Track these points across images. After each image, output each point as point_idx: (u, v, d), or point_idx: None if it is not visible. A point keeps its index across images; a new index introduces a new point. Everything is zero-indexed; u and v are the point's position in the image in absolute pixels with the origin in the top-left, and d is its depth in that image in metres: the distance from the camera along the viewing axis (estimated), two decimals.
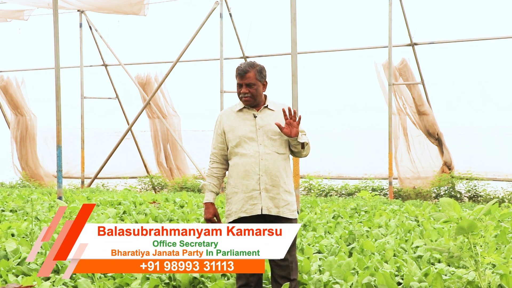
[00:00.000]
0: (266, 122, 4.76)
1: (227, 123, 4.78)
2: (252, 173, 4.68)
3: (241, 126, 4.75)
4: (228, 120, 4.79)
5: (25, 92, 20.01)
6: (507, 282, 5.11)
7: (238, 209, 4.69)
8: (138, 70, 18.64)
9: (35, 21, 18.20)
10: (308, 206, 11.43)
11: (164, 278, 5.57)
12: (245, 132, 4.73)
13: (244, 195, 4.68)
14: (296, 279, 4.77)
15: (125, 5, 15.64)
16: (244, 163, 4.70)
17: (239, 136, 4.73)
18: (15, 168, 20.08)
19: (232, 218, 4.72)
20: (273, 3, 16.21)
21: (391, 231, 8.08)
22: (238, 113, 4.80)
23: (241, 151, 4.72)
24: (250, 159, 4.69)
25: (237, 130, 4.74)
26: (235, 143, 4.73)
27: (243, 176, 4.69)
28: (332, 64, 16.59)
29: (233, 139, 4.74)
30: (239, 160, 4.72)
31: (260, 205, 4.68)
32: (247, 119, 4.78)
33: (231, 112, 4.83)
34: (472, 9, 15.10)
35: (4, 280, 5.56)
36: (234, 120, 4.78)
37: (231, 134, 4.75)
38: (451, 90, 15.67)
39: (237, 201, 4.70)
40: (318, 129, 16.53)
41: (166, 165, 18.70)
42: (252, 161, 4.68)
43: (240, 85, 4.75)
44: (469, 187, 14.98)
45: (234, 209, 4.71)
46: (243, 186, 4.69)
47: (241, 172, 4.70)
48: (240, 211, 4.69)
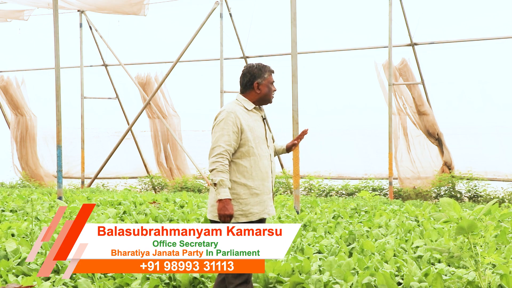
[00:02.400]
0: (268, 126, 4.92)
1: (244, 122, 4.70)
2: (269, 175, 4.77)
3: (256, 127, 4.75)
4: (244, 119, 4.71)
5: (25, 92, 20.01)
6: (507, 282, 5.11)
7: (261, 211, 4.69)
8: (138, 70, 18.65)
9: (35, 21, 18.21)
10: (308, 206, 11.43)
11: (164, 278, 5.57)
12: (261, 134, 4.77)
13: (266, 197, 4.72)
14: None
15: (125, 5, 15.64)
16: (264, 165, 4.72)
17: (258, 136, 4.73)
18: (15, 168, 20.08)
19: (253, 218, 4.66)
20: (273, 3, 16.21)
21: (391, 231, 8.08)
22: (250, 113, 4.78)
23: (261, 153, 4.72)
24: (267, 161, 4.74)
25: (255, 131, 4.72)
26: (254, 143, 4.70)
27: (264, 178, 4.72)
28: (332, 64, 16.60)
29: (252, 139, 4.69)
30: (259, 161, 4.71)
31: (273, 206, 4.82)
32: (258, 120, 4.79)
33: (243, 111, 4.76)
34: (472, 9, 15.10)
35: (4, 280, 5.56)
36: (249, 119, 4.74)
37: (250, 133, 4.69)
38: (451, 90, 15.67)
39: (260, 203, 4.69)
40: (318, 129, 16.53)
41: (166, 165, 18.70)
42: (267, 164, 4.75)
43: (273, 82, 4.85)
44: (469, 187, 14.98)
45: (257, 210, 4.67)
46: (265, 187, 4.71)
47: (263, 174, 4.71)
48: (264, 213, 4.70)
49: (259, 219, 4.70)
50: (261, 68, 4.81)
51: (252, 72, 4.79)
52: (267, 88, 4.80)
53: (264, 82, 4.80)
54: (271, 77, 4.82)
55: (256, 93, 4.80)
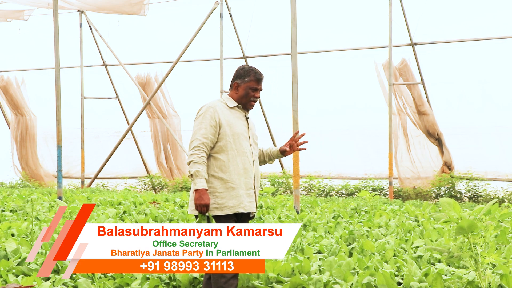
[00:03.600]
0: (252, 126, 4.95)
1: (222, 117, 4.79)
2: (250, 171, 4.82)
3: (237, 123, 4.82)
4: (223, 114, 4.80)
5: (25, 92, 20.01)
6: (507, 282, 5.11)
7: (236, 205, 4.74)
8: (138, 70, 18.65)
9: (35, 21, 18.22)
10: (308, 206, 11.43)
11: (164, 278, 5.57)
12: (242, 131, 4.83)
13: (244, 192, 4.78)
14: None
15: (125, 5, 15.65)
16: (243, 161, 4.79)
17: (237, 133, 4.80)
18: (15, 168, 20.09)
19: (227, 212, 4.73)
20: (273, 3, 16.21)
21: (391, 231, 8.08)
22: (231, 110, 4.86)
23: (240, 148, 4.79)
24: (247, 157, 4.81)
25: (234, 127, 4.80)
26: (230, 138, 4.78)
27: (243, 173, 4.78)
28: (332, 64, 16.60)
29: (229, 135, 4.77)
30: (237, 156, 4.78)
31: (254, 203, 4.85)
32: (240, 118, 4.86)
33: (224, 107, 4.85)
34: (472, 9, 15.11)
35: (4, 280, 5.56)
36: (229, 116, 4.83)
37: (228, 129, 4.78)
38: (451, 90, 15.68)
39: (235, 197, 4.75)
40: (318, 129, 16.54)
41: (166, 165, 18.70)
42: (248, 160, 4.82)
43: (255, 89, 4.87)
44: (469, 187, 14.98)
45: (231, 203, 4.74)
46: (242, 183, 4.78)
47: (240, 169, 4.78)
48: (239, 207, 4.74)
49: (234, 213, 4.75)
50: (247, 71, 4.88)
51: (238, 71, 4.91)
52: (244, 92, 4.85)
53: (243, 85, 4.86)
54: (253, 83, 4.84)
55: (235, 93, 4.90)
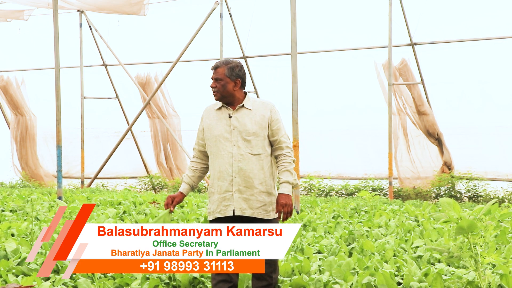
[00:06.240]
0: (241, 122, 4.70)
1: (206, 121, 4.78)
2: (225, 174, 4.67)
3: (218, 125, 4.73)
4: (207, 118, 4.78)
5: (25, 92, 20.01)
6: (507, 282, 5.11)
7: (214, 210, 4.72)
8: (138, 70, 18.64)
9: (35, 21, 18.22)
10: (308, 206, 11.43)
11: (164, 278, 5.57)
12: (221, 132, 4.71)
13: (218, 196, 4.69)
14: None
15: (125, 5, 15.64)
16: (219, 164, 4.69)
17: (215, 136, 4.72)
18: (15, 168, 20.08)
19: (211, 217, 4.75)
20: (273, 3, 16.21)
21: (391, 231, 8.08)
22: (217, 112, 4.78)
23: (216, 152, 4.71)
24: (224, 159, 4.68)
25: (214, 130, 4.73)
26: (211, 142, 4.73)
27: (218, 177, 4.69)
28: (332, 64, 16.60)
29: (209, 138, 4.74)
30: (215, 160, 4.72)
31: (232, 206, 4.67)
32: (223, 118, 4.74)
33: (212, 110, 4.81)
34: (472, 9, 15.10)
35: (4, 280, 5.56)
36: (213, 118, 4.77)
37: (208, 133, 4.75)
38: (451, 90, 15.68)
39: (214, 201, 4.72)
40: (318, 129, 16.54)
41: (166, 165, 18.70)
42: (226, 162, 4.67)
43: (211, 79, 4.79)
44: (469, 187, 14.98)
45: (212, 209, 4.74)
46: (218, 187, 4.70)
47: (216, 173, 4.71)
48: (216, 212, 4.71)
49: (214, 218, 4.71)
50: None
51: None
52: None
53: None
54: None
55: None
